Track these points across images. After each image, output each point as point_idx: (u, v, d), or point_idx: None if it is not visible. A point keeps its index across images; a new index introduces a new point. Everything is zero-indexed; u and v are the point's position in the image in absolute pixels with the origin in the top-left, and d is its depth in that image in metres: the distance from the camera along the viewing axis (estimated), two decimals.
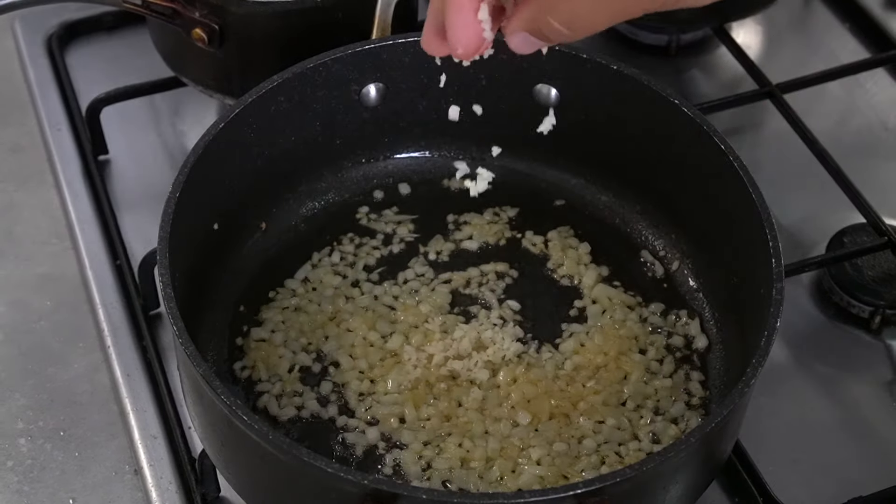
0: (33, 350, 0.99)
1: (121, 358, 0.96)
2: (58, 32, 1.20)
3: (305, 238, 0.98)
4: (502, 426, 0.86)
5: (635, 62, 0.94)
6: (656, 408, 0.88)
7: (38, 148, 1.13)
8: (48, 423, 0.94)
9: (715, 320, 0.92)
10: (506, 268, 0.96)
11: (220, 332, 0.91)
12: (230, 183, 0.91)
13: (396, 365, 0.90)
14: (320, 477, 0.71)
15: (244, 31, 1.01)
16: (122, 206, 1.07)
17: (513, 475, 0.84)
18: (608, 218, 0.99)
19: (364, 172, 1.01)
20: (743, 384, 0.75)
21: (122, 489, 0.91)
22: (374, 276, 0.96)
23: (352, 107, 0.96)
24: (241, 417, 0.72)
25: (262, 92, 0.90)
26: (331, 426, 0.87)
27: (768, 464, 0.89)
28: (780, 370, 0.96)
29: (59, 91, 1.16)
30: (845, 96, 1.19)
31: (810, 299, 1.02)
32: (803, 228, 1.06)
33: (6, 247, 1.06)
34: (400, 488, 0.71)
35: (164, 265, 0.79)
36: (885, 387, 0.96)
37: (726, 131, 0.93)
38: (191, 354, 0.75)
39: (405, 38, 0.94)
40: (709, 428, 0.73)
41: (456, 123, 0.99)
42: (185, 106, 1.16)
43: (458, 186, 1.01)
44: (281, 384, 0.89)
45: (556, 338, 0.92)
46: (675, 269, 0.96)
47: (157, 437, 0.92)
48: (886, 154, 1.15)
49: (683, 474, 0.76)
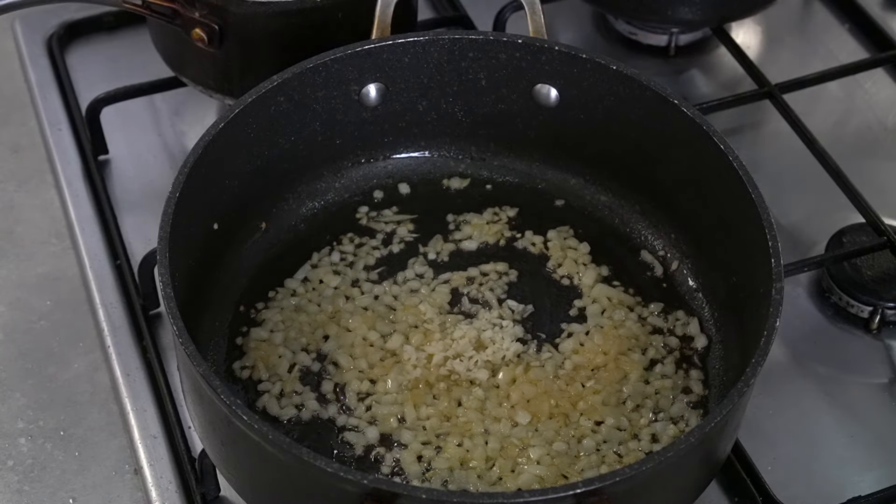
0: (33, 350, 0.99)
1: (121, 358, 0.96)
2: (58, 32, 1.21)
3: (305, 238, 0.98)
4: (502, 426, 0.86)
5: (635, 62, 0.94)
6: (656, 408, 0.88)
7: (38, 148, 1.13)
8: (48, 423, 0.94)
9: (714, 320, 0.92)
10: (505, 267, 0.97)
11: (220, 332, 0.92)
12: (230, 183, 0.91)
13: (396, 365, 0.90)
14: (320, 477, 0.71)
15: (244, 31, 1.01)
16: (122, 206, 1.07)
17: (512, 475, 0.84)
18: (608, 218, 0.99)
19: (364, 172, 1.01)
20: (742, 384, 0.75)
21: (122, 489, 0.91)
22: (373, 276, 0.96)
23: (352, 107, 0.96)
24: (241, 417, 0.72)
25: (262, 92, 0.90)
26: (331, 426, 0.87)
27: (767, 463, 0.89)
28: (780, 370, 0.96)
29: (59, 91, 1.16)
30: (845, 96, 1.19)
31: (809, 299, 1.02)
32: (802, 228, 1.06)
33: (6, 247, 1.06)
34: (400, 488, 0.71)
35: (164, 265, 0.79)
36: (884, 387, 0.96)
37: (726, 131, 0.93)
38: (191, 354, 0.75)
39: (405, 38, 0.94)
40: (708, 427, 0.73)
41: (456, 123, 0.99)
42: (185, 106, 1.16)
43: (458, 186, 1.02)
44: (281, 384, 0.89)
45: (556, 338, 0.92)
46: (675, 269, 0.96)
47: (157, 437, 0.92)
48: (885, 154, 1.15)
49: (683, 474, 0.76)
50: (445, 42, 0.95)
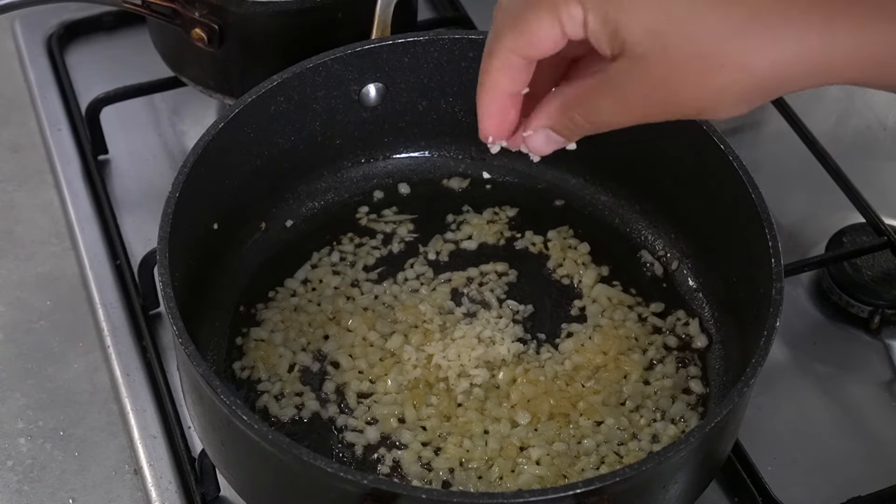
0: (33, 350, 0.99)
1: (121, 358, 0.96)
2: (58, 32, 1.20)
3: (305, 238, 0.98)
4: (502, 426, 0.86)
5: None
6: (656, 408, 0.88)
7: (38, 148, 1.13)
8: (48, 423, 0.94)
9: (714, 320, 0.92)
10: (505, 267, 0.97)
11: (220, 332, 0.92)
12: (230, 183, 0.91)
13: (396, 365, 0.90)
14: (320, 477, 0.71)
15: (244, 31, 1.01)
16: (122, 206, 1.07)
17: (512, 475, 0.84)
18: (607, 218, 0.99)
19: (364, 172, 1.01)
20: (742, 384, 0.75)
21: (122, 489, 0.91)
22: (373, 276, 0.96)
23: (352, 107, 0.96)
24: (241, 417, 0.72)
25: (262, 92, 0.90)
26: (331, 426, 0.87)
27: (767, 463, 0.89)
28: (780, 370, 0.96)
29: (59, 91, 1.16)
30: (844, 96, 1.19)
31: (809, 299, 1.02)
32: (803, 228, 1.06)
33: (6, 247, 1.06)
34: (400, 488, 0.71)
35: (164, 265, 0.79)
36: (884, 386, 0.96)
37: (726, 131, 0.93)
38: (191, 354, 0.75)
39: (405, 38, 0.94)
40: (708, 427, 0.73)
41: (456, 123, 0.99)
42: (185, 106, 1.16)
43: (458, 186, 1.02)
44: (281, 384, 0.89)
45: (556, 337, 0.92)
46: (675, 269, 0.96)
47: (156, 437, 0.92)
48: (885, 154, 1.15)
49: (683, 474, 0.76)
50: (445, 42, 0.95)
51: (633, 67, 0.61)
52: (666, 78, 0.61)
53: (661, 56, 0.60)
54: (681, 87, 0.61)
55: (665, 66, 0.60)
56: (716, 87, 0.60)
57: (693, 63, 0.60)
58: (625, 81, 0.62)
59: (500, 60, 0.64)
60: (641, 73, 0.61)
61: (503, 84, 0.65)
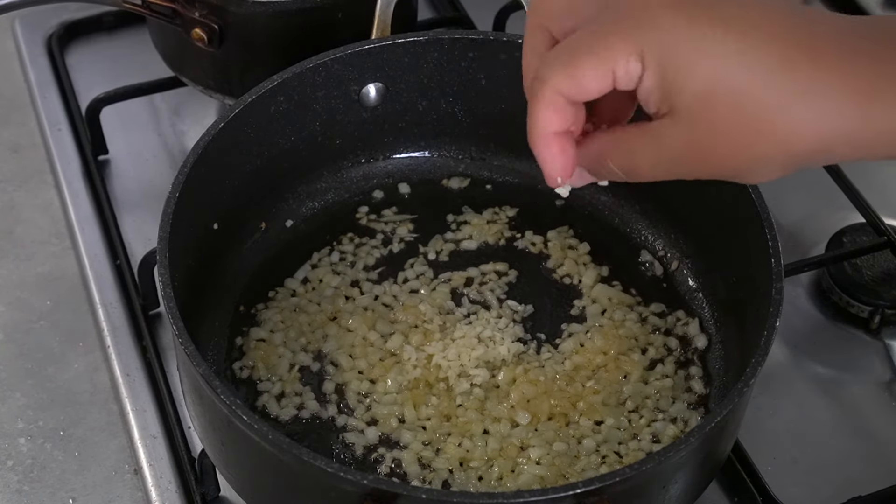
0: (33, 350, 0.99)
1: (121, 358, 0.96)
2: (58, 32, 1.20)
3: (305, 238, 0.98)
4: (502, 426, 0.86)
5: None
6: (656, 408, 0.88)
7: (38, 148, 1.13)
8: (48, 423, 0.94)
9: (714, 320, 0.92)
10: (505, 267, 0.97)
11: (220, 332, 0.92)
12: (230, 183, 0.91)
13: (396, 365, 0.90)
14: (320, 477, 0.71)
15: (244, 31, 1.01)
16: (122, 206, 1.07)
17: (512, 475, 0.84)
18: (607, 218, 0.99)
19: (364, 172, 1.01)
20: (742, 384, 0.75)
21: (122, 489, 0.91)
22: (373, 276, 0.96)
23: (352, 107, 0.96)
24: (241, 417, 0.72)
25: (262, 92, 0.90)
26: (331, 426, 0.87)
27: (767, 463, 0.89)
28: (780, 370, 0.96)
29: (58, 91, 1.16)
30: None
31: (809, 299, 1.02)
32: (803, 228, 1.06)
33: (6, 247, 1.06)
34: (400, 488, 0.71)
35: (164, 265, 0.79)
36: (884, 386, 0.96)
37: None
38: (191, 354, 0.75)
39: (405, 38, 0.94)
40: (708, 427, 0.73)
41: (456, 123, 0.99)
42: (185, 106, 1.16)
43: (458, 186, 1.02)
44: (281, 384, 0.89)
45: (556, 338, 0.92)
46: (675, 269, 0.96)
47: (156, 437, 0.92)
48: None
49: (683, 474, 0.76)
50: (445, 42, 0.95)
51: (676, 126, 0.61)
52: (708, 142, 0.60)
53: (708, 121, 0.60)
54: (722, 151, 0.60)
55: (710, 131, 0.60)
56: (758, 155, 0.60)
57: (738, 130, 0.60)
58: (665, 139, 0.61)
59: (547, 101, 0.63)
60: (684, 134, 0.61)
61: (555, 124, 0.64)
